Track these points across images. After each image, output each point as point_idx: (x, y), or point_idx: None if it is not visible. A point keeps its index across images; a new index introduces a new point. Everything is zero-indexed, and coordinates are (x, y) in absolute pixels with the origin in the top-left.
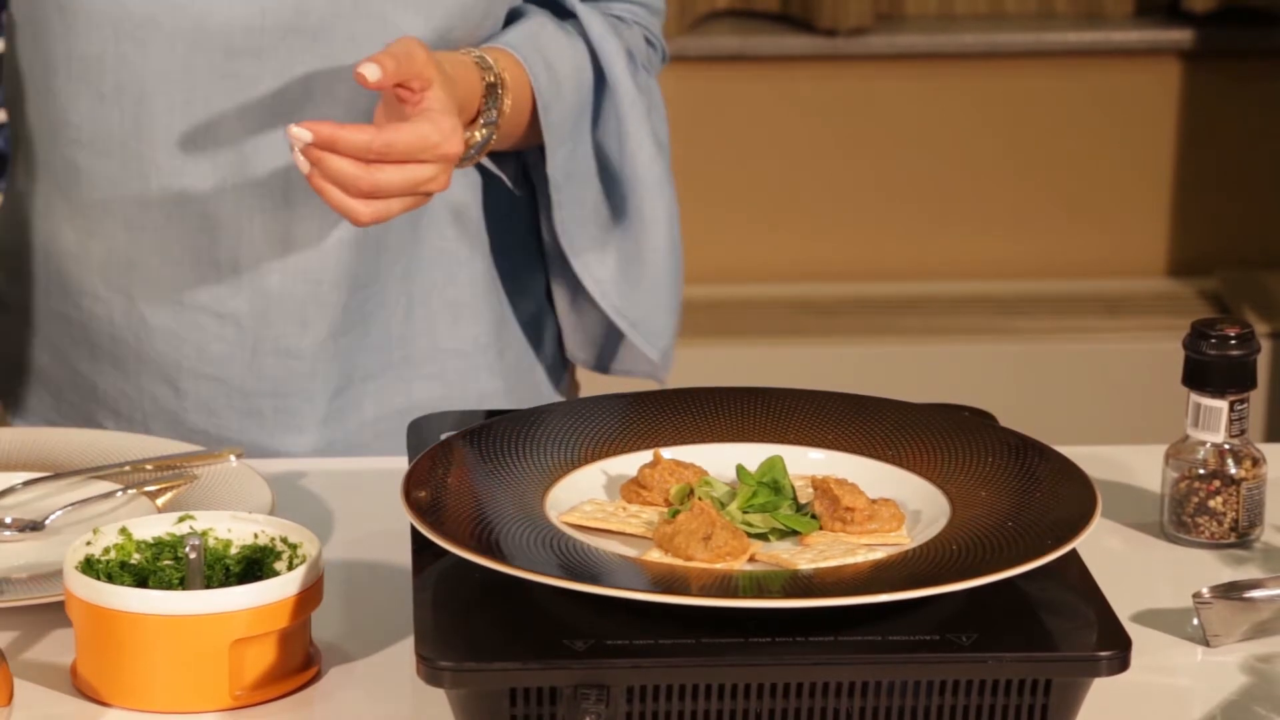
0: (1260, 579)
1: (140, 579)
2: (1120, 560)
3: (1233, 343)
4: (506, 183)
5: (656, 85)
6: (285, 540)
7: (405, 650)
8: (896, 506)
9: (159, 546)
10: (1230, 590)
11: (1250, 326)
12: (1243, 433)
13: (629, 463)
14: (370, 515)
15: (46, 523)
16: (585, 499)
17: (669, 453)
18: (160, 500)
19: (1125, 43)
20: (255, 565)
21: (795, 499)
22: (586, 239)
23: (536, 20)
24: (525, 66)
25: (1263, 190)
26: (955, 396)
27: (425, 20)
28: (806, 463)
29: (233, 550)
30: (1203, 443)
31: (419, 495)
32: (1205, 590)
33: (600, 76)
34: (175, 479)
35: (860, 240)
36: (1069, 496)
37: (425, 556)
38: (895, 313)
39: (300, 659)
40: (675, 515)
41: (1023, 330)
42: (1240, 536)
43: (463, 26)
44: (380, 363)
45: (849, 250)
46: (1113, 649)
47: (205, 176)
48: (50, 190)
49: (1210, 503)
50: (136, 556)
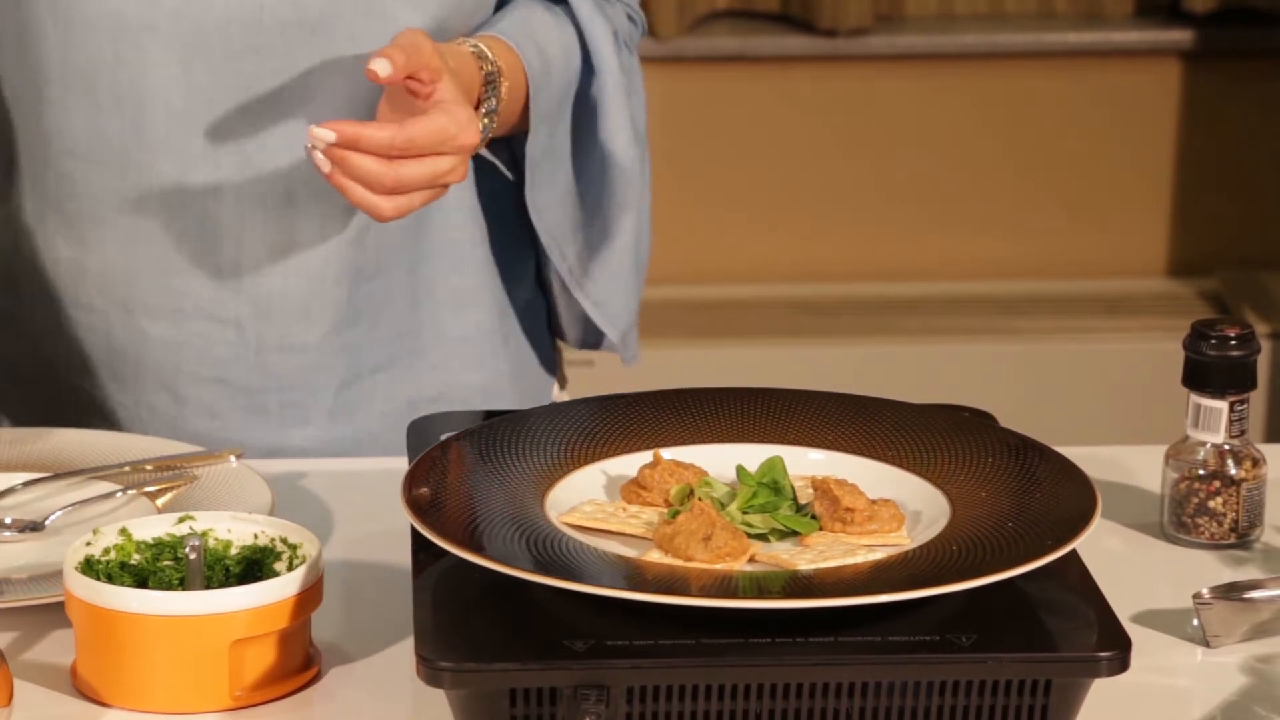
0: (1260, 579)
1: (140, 579)
2: (1120, 561)
3: (1233, 343)
4: (501, 168)
5: (638, 65)
6: (285, 541)
7: (405, 650)
8: (896, 507)
9: (159, 547)
10: (1230, 591)
11: (1250, 327)
12: (1243, 433)
13: (629, 463)
14: (370, 515)
15: (46, 523)
16: (585, 499)
17: (669, 453)
18: (160, 501)
19: (1125, 43)
20: (255, 566)
21: (795, 499)
22: (556, 216)
23: (526, 5)
24: (519, 54)
25: (1263, 190)
26: (955, 397)
27: (422, 12)
28: (806, 463)
29: (233, 551)
30: (1203, 443)
31: (419, 495)
32: (1205, 591)
33: (586, 59)
34: (175, 479)
35: (860, 240)
36: (1069, 497)
37: (425, 557)
38: (895, 313)
39: (300, 659)
40: (675, 516)
41: (1023, 330)
42: (1240, 537)
43: (457, 16)
44: (388, 354)
45: (849, 250)
46: (1113, 649)
47: (207, 180)
48: (42, 204)
49: (1210, 503)
50: (136, 557)
